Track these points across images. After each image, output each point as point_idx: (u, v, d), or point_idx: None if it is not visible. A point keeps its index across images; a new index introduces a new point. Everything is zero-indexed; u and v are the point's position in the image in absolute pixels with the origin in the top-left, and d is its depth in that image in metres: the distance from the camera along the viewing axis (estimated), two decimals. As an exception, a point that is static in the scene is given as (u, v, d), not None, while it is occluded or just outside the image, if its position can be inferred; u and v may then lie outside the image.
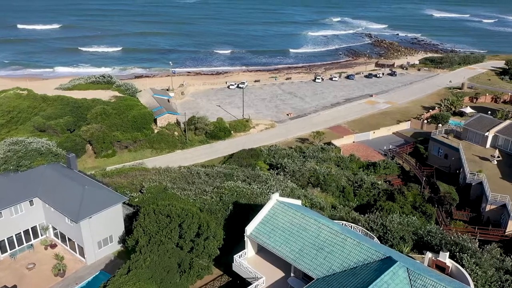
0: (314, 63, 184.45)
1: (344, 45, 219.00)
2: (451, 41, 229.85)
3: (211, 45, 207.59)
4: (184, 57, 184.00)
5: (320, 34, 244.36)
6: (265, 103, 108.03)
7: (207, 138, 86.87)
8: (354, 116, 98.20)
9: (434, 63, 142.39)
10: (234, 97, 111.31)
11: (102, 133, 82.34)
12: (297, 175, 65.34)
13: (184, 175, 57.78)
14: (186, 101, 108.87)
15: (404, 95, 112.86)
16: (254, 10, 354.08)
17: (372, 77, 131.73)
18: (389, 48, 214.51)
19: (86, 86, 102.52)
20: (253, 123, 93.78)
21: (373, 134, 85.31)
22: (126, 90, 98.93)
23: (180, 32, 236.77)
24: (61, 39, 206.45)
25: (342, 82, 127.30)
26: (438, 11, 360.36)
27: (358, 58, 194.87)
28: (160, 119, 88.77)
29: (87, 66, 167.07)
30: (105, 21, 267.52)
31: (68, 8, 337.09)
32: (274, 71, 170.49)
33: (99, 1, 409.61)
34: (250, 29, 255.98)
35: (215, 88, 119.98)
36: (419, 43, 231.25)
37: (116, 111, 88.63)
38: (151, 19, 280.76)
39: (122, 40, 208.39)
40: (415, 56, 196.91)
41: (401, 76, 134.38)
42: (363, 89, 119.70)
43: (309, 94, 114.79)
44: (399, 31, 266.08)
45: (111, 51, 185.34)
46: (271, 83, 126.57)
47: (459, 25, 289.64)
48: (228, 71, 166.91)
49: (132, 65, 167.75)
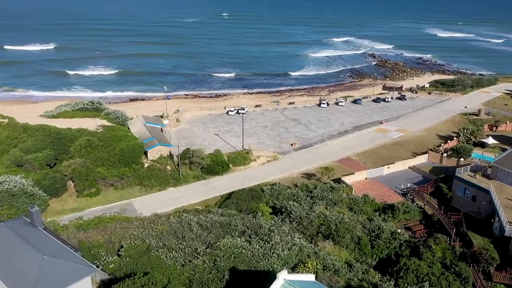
0: (317, 85, 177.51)
1: (347, 66, 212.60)
2: (457, 62, 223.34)
3: (210, 66, 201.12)
4: (182, 79, 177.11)
5: (322, 55, 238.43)
6: (267, 131, 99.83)
7: (203, 173, 78.22)
8: (364, 146, 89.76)
9: (446, 86, 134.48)
10: (234, 125, 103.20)
11: (85, 168, 73.71)
12: (305, 222, 56.42)
13: (173, 228, 49.05)
14: (182, 129, 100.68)
15: (417, 122, 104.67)
16: (253, 29, 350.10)
17: (380, 101, 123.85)
18: (394, 69, 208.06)
19: (72, 114, 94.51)
20: (254, 155, 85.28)
21: (387, 169, 76.71)
22: (115, 118, 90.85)
23: (178, 53, 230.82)
24: (54, 61, 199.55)
25: (349, 107, 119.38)
26: (441, 31, 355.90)
27: (362, 79, 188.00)
28: (151, 152, 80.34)
29: (81, 89, 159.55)
30: (101, 42, 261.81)
31: (63, 28, 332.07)
32: (275, 93, 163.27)
33: (95, 21, 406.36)
34: (250, 49, 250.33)
35: (213, 114, 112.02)
36: (424, 63, 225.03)
37: (103, 143, 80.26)
38: (149, 40, 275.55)
39: (118, 61, 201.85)
40: (421, 77, 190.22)
41: (411, 100, 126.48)
42: (372, 115, 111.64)
43: (314, 121, 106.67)
44: (403, 50, 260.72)
45: (106, 74, 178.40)
46: (273, 108, 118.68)
47: (465, 45, 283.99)
48: (228, 93, 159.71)
49: (127, 88, 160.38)
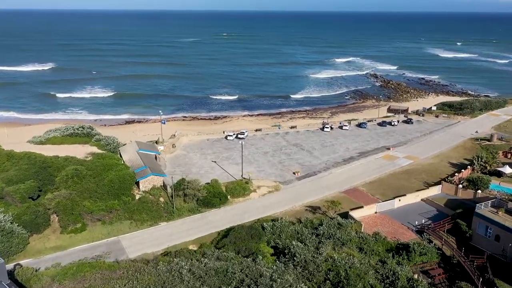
0: (319, 106, 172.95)
1: (350, 87, 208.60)
2: (461, 82, 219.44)
3: (209, 87, 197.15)
4: (180, 101, 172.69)
5: (323, 76, 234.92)
6: (268, 157, 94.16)
7: (199, 206, 72.22)
8: (372, 175, 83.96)
9: (453, 109, 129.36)
10: (233, 150, 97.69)
11: (71, 201, 67.91)
12: (311, 267, 50.26)
13: (162, 278, 42.96)
14: (177, 155, 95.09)
15: (426, 148, 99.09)
16: (253, 49, 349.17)
17: (386, 125, 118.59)
18: (397, 89, 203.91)
19: (61, 140, 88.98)
20: (254, 185, 79.43)
21: (398, 202, 70.72)
22: (106, 145, 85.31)
23: (177, 73, 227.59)
24: (49, 82, 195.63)
25: (354, 131, 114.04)
26: (443, 51, 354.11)
27: (365, 100, 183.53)
28: (144, 182, 74.55)
29: (76, 111, 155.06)
30: (98, 62, 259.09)
31: (60, 48, 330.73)
32: (276, 115, 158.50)
33: (93, 41, 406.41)
34: (250, 70, 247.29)
35: (211, 139, 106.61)
36: (427, 83, 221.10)
37: (91, 173, 74.65)
38: (147, 60, 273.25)
39: (115, 83, 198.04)
40: (426, 98, 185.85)
41: (418, 124, 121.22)
42: (378, 140, 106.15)
43: (318, 147, 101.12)
44: (405, 71, 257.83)
45: (103, 96, 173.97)
46: (274, 132, 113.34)
47: (468, 65, 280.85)
48: (227, 115, 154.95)
49: (124, 110, 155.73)
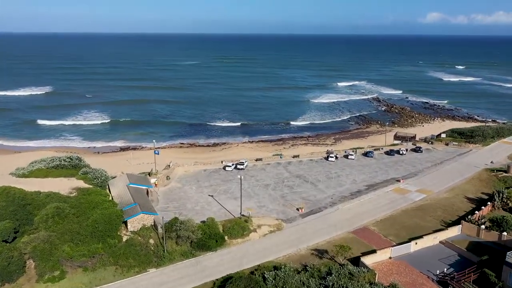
0: (322, 132, 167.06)
1: (352, 111, 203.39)
2: (467, 107, 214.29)
3: (208, 112, 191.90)
4: (178, 127, 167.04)
5: (324, 100, 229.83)
6: (269, 191, 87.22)
7: (193, 249, 64.88)
8: (383, 212, 76.84)
9: (464, 136, 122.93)
10: (231, 183, 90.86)
11: (49, 245, 60.84)
12: (321, 332, 42.89)
13: None
14: (171, 188, 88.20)
15: (439, 180, 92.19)
16: (253, 73, 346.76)
17: (394, 153, 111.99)
18: (401, 114, 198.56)
19: (45, 172, 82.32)
20: (254, 224, 72.24)
21: (415, 246, 63.41)
22: (94, 178, 78.55)
23: (175, 98, 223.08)
24: (43, 108, 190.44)
25: (360, 161, 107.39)
26: (445, 74, 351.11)
27: (369, 125, 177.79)
28: (132, 222, 67.42)
29: (69, 137, 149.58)
30: (95, 86, 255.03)
31: (55, 72, 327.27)
32: (277, 141, 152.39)
33: (90, 64, 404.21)
34: (250, 94, 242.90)
35: (208, 170, 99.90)
36: (431, 108, 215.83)
37: (75, 211, 67.77)
38: (145, 84, 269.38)
39: (111, 108, 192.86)
40: (431, 123, 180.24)
41: (428, 152, 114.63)
42: (387, 171, 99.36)
43: (322, 178, 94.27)
44: (408, 94, 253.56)
45: (98, 122, 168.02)
46: (276, 162, 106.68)
47: (472, 89, 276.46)
48: (226, 142, 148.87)
49: (119, 137, 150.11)
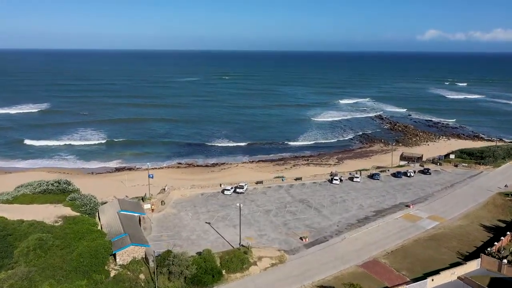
0: (324, 151, 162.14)
1: (355, 129, 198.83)
2: (471, 125, 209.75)
3: (207, 131, 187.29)
4: (176, 146, 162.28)
5: (326, 118, 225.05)
6: (270, 217, 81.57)
7: (187, 285, 59.06)
8: (393, 242, 71.09)
9: (473, 157, 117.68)
10: (230, 208, 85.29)
11: (28, 282, 55.07)
12: None
13: None
14: (166, 215, 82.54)
15: (451, 206, 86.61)
16: (252, 90, 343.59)
17: (401, 176, 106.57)
18: (405, 132, 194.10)
19: (31, 198, 76.83)
20: (255, 256, 66.43)
21: (431, 283, 57.62)
22: (82, 205, 72.98)
23: (173, 116, 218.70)
24: (37, 126, 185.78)
25: (366, 184, 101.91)
26: (447, 91, 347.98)
27: (373, 144, 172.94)
28: (121, 255, 61.68)
29: (64, 156, 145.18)
30: (92, 104, 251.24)
31: (51, 89, 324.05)
32: (278, 161, 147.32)
33: (88, 81, 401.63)
34: (250, 112, 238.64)
35: (205, 194, 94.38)
36: (436, 126, 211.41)
37: (59, 242, 62.23)
38: (142, 102, 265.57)
39: (107, 127, 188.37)
40: (437, 142, 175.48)
41: (437, 174, 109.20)
42: (395, 195, 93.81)
43: (327, 203, 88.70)
44: (411, 112, 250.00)
45: (93, 141, 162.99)
46: (277, 185, 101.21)
47: (476, 106, 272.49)
48: (226, 162, 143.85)
49: (114, 156, 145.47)
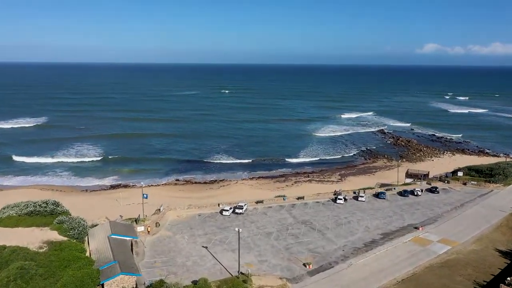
0: (326, 167, 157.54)
1: (357, 144, 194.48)
2: (475, 139, 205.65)
3: (205, 146, 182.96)
4: (174, 163, 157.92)
5: (328, 133, 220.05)
6: (271, 241, 76.67)
7: (180, 320, 54.13)
8: (404, 269, 66.04)
9: (482, 175, 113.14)
10: (228, 230, 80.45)
11: (6, 318, 50.20)
12: None
13: None
14: (160, 238, 77.59)
15: (463, 228, 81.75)
16: (252, 104, 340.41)
17: (408, 194, 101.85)
18: (408, 147, 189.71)
19: (16, 221, 72.00)
20: (254, 285, 61.38)
21: (449, 317, 52.60)
22: (69, 229, 68.15)
23: (172, 131, 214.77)
24: (31, 142, 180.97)
25: (372, 203, 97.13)
26: (449, 105, 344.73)
27: (376, 160, 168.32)
28: (109, 285, 56.76)
29: (59, 172, 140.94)
30: (89, 118, 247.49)
31: (47, 103, 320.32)
32: (279, 178, 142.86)
33: (86, 94, 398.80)
34: (250, 127, 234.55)
35: (203, 214, 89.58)
36: (439, 140, 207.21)
37: (43, 271, 57.32)
38: (141, 116, 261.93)
39: (103, 142, 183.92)
40: (441, 157, 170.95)
41: (445, 193, 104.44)
42: (402, 216, 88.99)
43: (331, 225, 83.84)
44: (413, 126, 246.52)
45: (88, 158, 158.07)
46: (278, 204, 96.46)
47: (479, 120, 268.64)
48: (225, 179, 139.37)
49: (110, 174, 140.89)
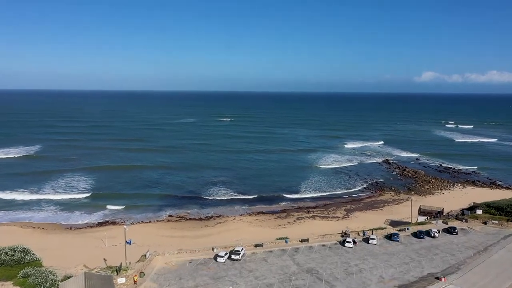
0: (330, 201, 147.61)
1: (362, 176, 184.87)
2: (486, 170, 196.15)
3: (202, 179, 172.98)
4: (166, 196, 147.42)
5: (330, 166, 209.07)
6: (272, 295, 66.25)
7: None
8: (431, 334, 55.54)
9: (504, 213, 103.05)
10: (223, 281, 70.11)
11: None
12: None
13: None
14: (144, 291, 67.20)
15: (491, 278, 71.42)
16: (251, 133, 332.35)
17: (423, 236, 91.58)
18: (415, 178, 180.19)
19: (-25, 274, 62.14)
20: None
21: None
22: (35, 285, 58.00)
23: (166, 162, 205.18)
24: (18, 175, 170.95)
25: (384, 247, 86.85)
26: (453, 133, 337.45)
27: (383, 193, 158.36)
28: None
29: (46, 207, 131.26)
30: (81, 148, 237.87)
31: (37, 131, 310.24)
32: (280, 213, 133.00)
33: (81, 122, 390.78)
34: (249, 157, 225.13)
35: (195, 261, 79.29)
36: (447, 171, 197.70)
37: None
38: (136, 146, 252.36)
39: (94, 175, 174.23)
40: (452, 190, 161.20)
41: (464, 234, 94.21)
42: (420, 263, 78.64)
43: (341, 274, 73.44)
44: (418, 155, 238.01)
45: (77, 193, 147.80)
46: (280, 248, 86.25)
47: (486, 150, 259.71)
48: (222, 214, 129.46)
49: (98, 209, 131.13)
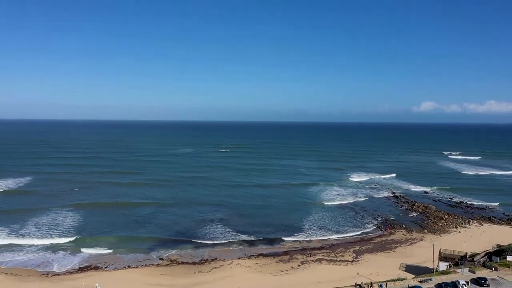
0: (337, 242, 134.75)
1: (369, 212, 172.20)
2: (501, 204, 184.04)
3: (197, 216, 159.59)
4: (158, 238, 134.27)
5: (336, 202, 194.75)
6: None
7: None
8: None
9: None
10: None
11: None
12: None
13: None
14: None
15: None
16: (249, 165, 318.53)
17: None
18: (426, 214, 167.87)
19: None
20: None
21: None
22: None
23: (159, 198, 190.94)
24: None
25: (405, 303, 74.02)
26: (460, 165, 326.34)
27: (394, 231, 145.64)
28: None
29: (25, 250, 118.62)
30: (71, 182, 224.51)
31: (30, 163, 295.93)
32: (282, 256, 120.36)
33: (72, 154, 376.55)
34: (246, 192, 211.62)
35: (182, 324, 66.37)
36: (459, 206, 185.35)
37: None
38: (128, 180, 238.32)
39: (80, 214, 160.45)
40: (468, 227, 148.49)
41: (496, 286, 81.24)
42: (452, 325, 65.71)
43: None
44: (427, 189, 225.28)
45: (58, 234, 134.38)
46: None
47: (497, 182, 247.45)
48: (217, 258, 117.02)
49: (80, 253, 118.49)
